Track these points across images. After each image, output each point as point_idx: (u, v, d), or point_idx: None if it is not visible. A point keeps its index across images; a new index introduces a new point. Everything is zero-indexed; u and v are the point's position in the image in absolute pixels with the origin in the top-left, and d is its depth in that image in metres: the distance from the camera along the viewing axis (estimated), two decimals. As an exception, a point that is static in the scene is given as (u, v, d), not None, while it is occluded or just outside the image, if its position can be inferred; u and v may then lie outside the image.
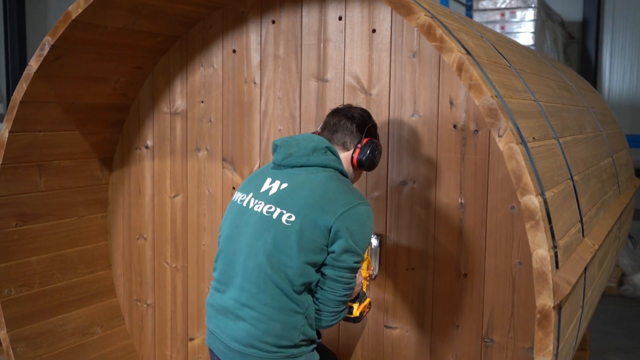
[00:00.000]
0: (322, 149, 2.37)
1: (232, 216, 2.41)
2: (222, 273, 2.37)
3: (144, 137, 3.56)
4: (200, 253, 3.45)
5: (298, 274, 2.22)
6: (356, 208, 2.25)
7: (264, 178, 2.41)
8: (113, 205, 3.70)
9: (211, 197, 3.38)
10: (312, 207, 2.23)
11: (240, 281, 2.28)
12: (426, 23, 2.10)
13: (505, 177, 2.69)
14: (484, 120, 2.71)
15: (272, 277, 2.22)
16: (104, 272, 3.70)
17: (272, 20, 3.15)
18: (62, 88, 3.10)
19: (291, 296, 2.23)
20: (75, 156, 3.41)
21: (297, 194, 2.28)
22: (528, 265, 2.68)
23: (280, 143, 2.40)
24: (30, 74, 2.92)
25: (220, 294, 2.36)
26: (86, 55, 3.06)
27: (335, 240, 2.23)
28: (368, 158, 2.45)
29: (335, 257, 2.24)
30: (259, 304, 2.23)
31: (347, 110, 2.52)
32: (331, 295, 2.30)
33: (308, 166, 2.35)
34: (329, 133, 2.50)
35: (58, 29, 2.83)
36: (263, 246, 2.25)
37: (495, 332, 2.78)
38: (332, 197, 2.25)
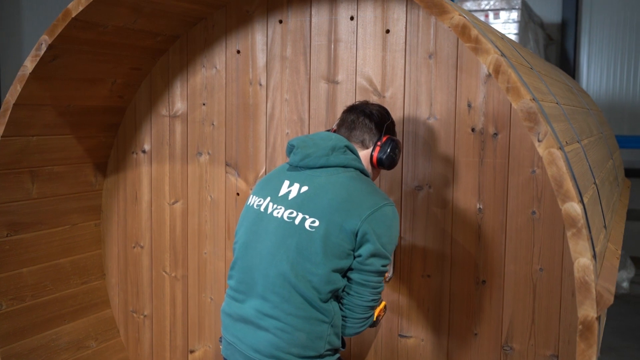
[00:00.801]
0: (341, 148, 2.26)
1: (249, 222, 2.28)
2: (240, 282, 2.24)
3: (140, 141, 3.41)
4: (201, 262, 3.32)
5: (324, 282, 2.11)
6: (382, 209, 2.15)
7: (281, 181, 2.28)
8: (107, 212, 3.54)
9: (213, 204, 3.26)
10: (336, 211, 2.12)
11: (261, 290, 2.16)
12: (460, 23, 2.01)
13: (526, 182, 2.63)
14: (504, 123, 2.64)
15: (296, 286, 2.11)
16: (97, 283, 3.54)
17: (279, 20, 3.04)
18: (57, 90, 2.94)
19: (317, 305, 2.12)
20: (69, 161, 3.24)
21: (319, 197, 2.16)
22: (549, 271, 2.62)
23: (297, 143, 2.27)
24: (25, 75, 2.76)
25: (239, 303, 2.24)
26: (84, 56, 2.90)
27: (363, 244, 2.12)
28: (389, 156, 2.36)
29: (362, 261, 2.14)
30: (283, 314, 2.12)
31: (365, 107, 2.41)
32: (358, 301, 2.20)
33: (328, 167, 2.24)
34: (346, 131, 2.39)
35: (56, 28, 2.67)
36: (286, 254, 2.13)
37: (515, 340, 2.71)
38: (356, 199, 2.15)
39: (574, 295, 2.59)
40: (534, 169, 2.61)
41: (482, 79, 2.67)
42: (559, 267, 2.61)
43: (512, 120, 2.63)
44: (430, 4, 2.04)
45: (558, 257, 2.61)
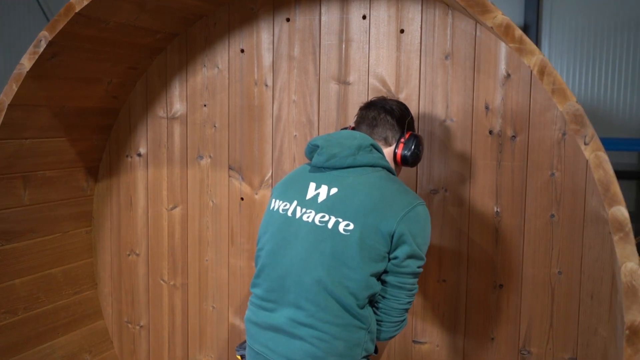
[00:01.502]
0: (367, 147, 2.16)
1: (276, 227, 2.16)
2: (269, 290, 2.13)
3: (135, 143, 3.27)
4: (202, 269, 3.20)
5: (363, 287, 2.03)
6: (416, 209, 2.07)
7: (306, 183, 2.17)
8: (99, 218, 3.38)
9: (215, 209, 3.14)
10: (370, 213, 2.03)
11: (294, 299, 2.06)
12: (504, 23, 1.96)
13: (545, 185, 2.60)
14: (522, 126, 2.61)
15: (333, 293, 2.01)
16: (89, 293, 3.38)
17: (286, 18, 2.94)
18: (53, 90, 2.78)
19: (354, 312, 2.03)
20: (61, 165, 3.08)
21: (351, 199, 2.06)
22: (568, 274, 2.61)
23: (321, 143, 2.16)
24: (21, 74, 2.59)
25: (268, 312, 2.13)
26: (83, 54, 2.75)
27: (399, 246, 2.04)
28: (413, 153, 2.28)
29: (397, 263, 2.06)
30: (319, 323, 2.02)
31: (385, 103, 2.33)
32: (395, 304, 2.13)
33: (355, 167, 2.14)
34: (368, 128, 2.30)
35: (58, 23, 2.51)
36: (320, 259, 2.03)
37: (533, 344, 2.69)
38: (389, 200, 2.06)
39: (593, 298, 2.59)
40: (553, 172, 2.59)
41: (500, 80, 2.64)
42: (577, 270, 2.60)
43: (531, 122, 2.61)
44: (473, 3, 1.99)
45: (577, 260, 2.59)
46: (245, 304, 3.12)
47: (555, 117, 2.57)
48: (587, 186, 2.55)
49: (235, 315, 3.15)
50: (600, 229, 2.55)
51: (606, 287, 2.57)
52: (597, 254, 2.56)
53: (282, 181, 2.31)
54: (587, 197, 2.56)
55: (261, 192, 3.05)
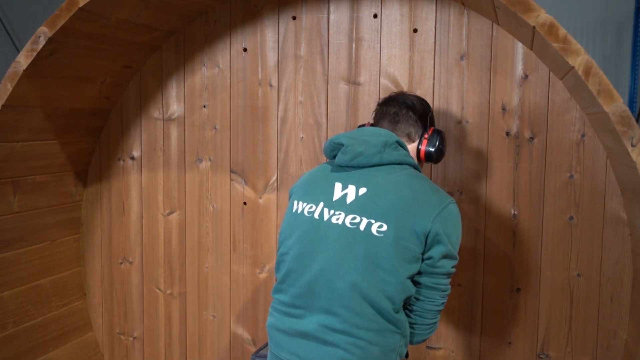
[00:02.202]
0: (392, 144, 2.06)
1: (302, 231, 2.04)
2: (297, 296, 2.01)
3: (128, 146, 3.10)
4: (202, 277, 3.06)
5: (399, 290, 1.94)
6: (448, 208, 1.98)
7: (331, 183, 2.06)
8: (88, 225, 3.20)
9: (216, 214, 3.00)
10: (403, 213, 1.93)
11: (325, 304, 1.95)
12: (547, 22, 1.90)
13: (563, 187, 2.57)
14: (540, 127, 2.58)
15: (368, 298, 1.91)
16: (78, 304, 3.19)
17: (292, 16, 2.83)
18: (48, 89, 2.60)
19: (390, 316, 1.94)
20: (51, 170, 2.89)
21: (382, 199, 1.96)
22: (587, 277, 2.59)
23: (346, 141, 2.04)
24: (17, 73, 2.41)
25: (296, 318, 2.01)
26: (81, 52, 2.58)
27: (434, 246, 1.95)
28: (437, 149, 2.20)
29: (432, 263, 1.98)
30: (354, 329, 1.92)
31: (405, 98, 2.23)
32: (429, 306, 2.04)
33: (381, 165, 2.03)
34: (390, 124, 2.20)
35: (58, 19, 2.34)
36: (354, 263, 1.92)
37: (552, 348, 2.66)
38: (421, 199, 1.96)
39: (613, 301, 2.57)
40: (572, 174, 2.56)
41: (517, 81, 2.59)
42: (597, 273, 2.58)
43: (549, 124, 2.57)
44: (514, 1, 1.92)
45: (596, 262, 2.57)
46: (249, 311, 3.00)
47: (574, 119, 2.54)
48: (607, 187, 2.53)
49: (237, 324, 3.03)
50: (620, 230, 2.53)
51: (626, 289, 2.55)
52: (617, 256, 2.54)
53: (301, 181, 2.18)
54: (606, 198, 2.54)
55: (266, 196, 2.93)
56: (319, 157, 2.84)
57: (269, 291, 2.97)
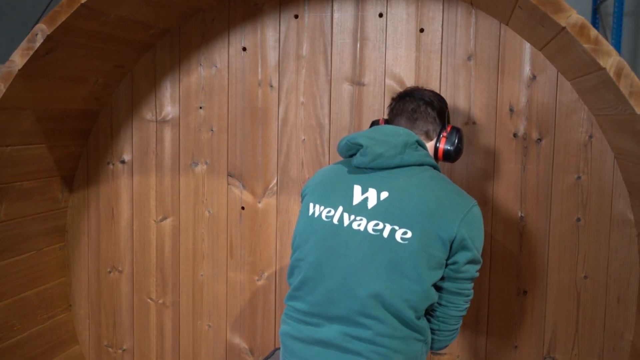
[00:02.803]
0: (412, 144, 1.98)
1: (321, 236, 1.95)
2: (315, 304, 1.92)
3: (118, 149, 2.96)
4: (197, 285, 2.94)
5: (423, 298, 1.88)
6: (472, 211, 1.93)
7: (349, 186, 1.97)
8: (74, 233, 3.04)
9: (212, 219, 2.89)
10: (427, 218, 1.86)
11: (346, 313, 1.87)
12: (579, 22, 1.88)
13: (571, 188, 2.57)
14: (548, 128, 2.57)
15: (392, 307, 1.84)
16: (63, 316, 3.03)
17: (294, 15, 2.75)
18: (40, 91, 2.46)
19: (413, 324, 1.88)
20: (39, 175, 2.74)
21: (405, 203, 1.89)
22: (594, 278, 2.59)
23: (365, 142, 1.95)
24: (12, 73, 2.26)
25: (314, 327, 1.92)
26: (77, 50, 2.45)
27: (459, 251, 1.90)
28: (456, 148, 2.14)
29: (456, 268, 1.92)
30: (378, 337, 1.84)
31: (422, 94, 2.16)
32: (453, 311, 1.99)
33: (402, 166, 1.96)
34: (408, 122, 2.11)
35: (58, 16, 2.21)
36: (377, 272, 1.85)
37: (558, 350, 2.65)
38: (446, 203, 1.90)
39: (620, 302, 2.58)
40: (579, 175, 2.56)
41: (525, 82, 2.58)
42: (604, 274, 2.58)
43: (557, 125, 2.57)
44: (545, 2, 1.89)
45: (603, 263, 2.58)
46: (246, 320, 2.90)
47: (581, 120, 2.54)
48: (614, 189, 2.54)
49: (233, 334, 2.92)
50: (627, 231, 2.54)
51: (632, 290, 2.56)
52: (624, 257, 2.55)
53: (315, 182, 2.08)
54: (613, 200, 2.54)
55: (265, 200, 2.84)
56: (321, 159, 2.77)
57: (268, 298, 2.87)
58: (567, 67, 2.31)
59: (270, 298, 2.87)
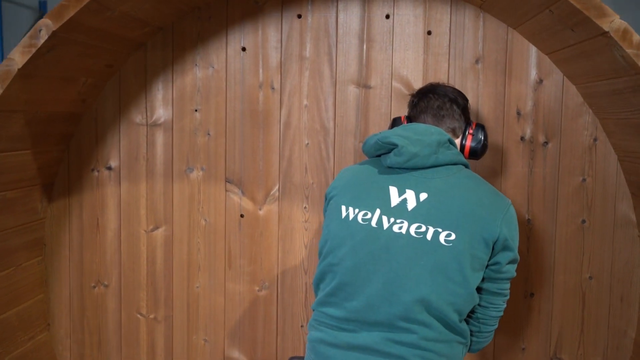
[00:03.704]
0: (445, 143, 1.94)
1: (358, 240, 1.86)
2: (354, 311, 1.84)
3: (104, 155, 2.76)
4: (192, 298, 2.78)
5: (468, 301, 1.84)
6: (509, 210, 1.91)
7: (384, 187, 1.90)
8: (52, 245, 2.81)
9: (209, 228, 2.75)
10: (470, 219, 1.83)
11: (388, 319, 1.80)
12: (622, 27, 1.90)
13: (576, 191, 2.61)
14: (554, 132, 2.60)
15: (437, 310, 1.79)
16: (43, 336, 2.79)
17: (297, 15, 2.65)
18: (34, 92, 2.24)
19: (457, 327, 1.84)
20: (22, 184, 2.51)
21: (446, 205, 1.84)
22: (598, 279, 2.64)
23: (400, 141, 1.88)
24: (11, 72, 2.05)
25: (350, 333, 1.84)
26: (76, 48, 2.25)
27: (501, 251, 1.88)
28: (483, 145, 2.13)
29: (498, 269, 1.90)
30: (423, 341, 1.79)
31: (446, 90, 2.12)
32: (493, 312, 1.97)
33: (437, 166, 1.91)
34: (434, 119, 2.06)
35: (66, 10, 2.02)
36: (422, 276, 1.79)
37: (564, 351, 2.68)
38: (485, 203, 1.87)
39: (623, 301, 2.64)
40: (584, 178, 2.60)
41: (532, 85, 2.60)
42: (608, 274, 2.64)
43: (563, 128, 2.60)
44: (589, 6, 1.90)
45: (607, 264, 2.63)
46: (246, 332, 2.77)
47: (586, 123, 2.59)
48: (618, 190, 2.60)
49: (232, 347, 2.79)
50: (629, 232, 2.60)
51: (635, 289, 2.63)
52: (627, 257, 2.62)
53: (343, 184, 1.99)
54: (616, 201, 2.60)
55: (266, 207, 2.72)
56: (326, 164, 2.69)
57: (269, 309, 2.76)
58: (585, 71, 2.33)
59: (271, 309, 2.76)
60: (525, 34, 2.53)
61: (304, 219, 2.71)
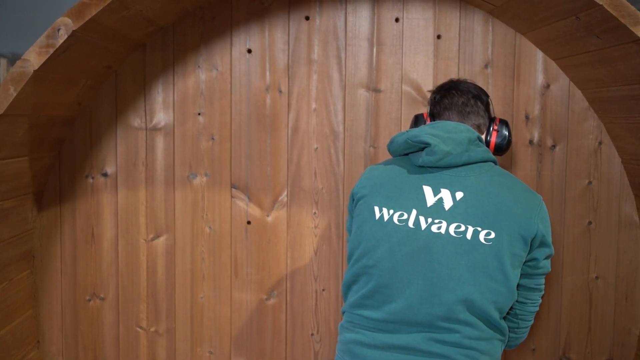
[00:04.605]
0: (475, 140, 1.91)
1: (395, 242, 1.83)
2: (393, 313, 1.81)
3: (100, 161, 2.61)
4: (196, 309, 2.67)
5: (509, 299, 1.84)
6: (542, 206, 1.91)
7: (417, 186, 1.87)
8: (42, 257, 2.64)
9: (214, 236, 2.64)
10: (508, 217, 1.82)
11: (428, 319, 1.78)
12: (655, 33, 1.93)
13: (583, 193, 2.65)
14: (561, 135, 2.63)
15: (480, 309, 1.78)
16: (34, 354, 2.62)
17: (305, 16, 2.59)
18: (41, 94, 2.09)
19: (498, 325, 1.84)
20: (17, 193, 2.34)
21: (483, 203, 1.82)
22: (604, 278, 2.68)
23: (432, 140, 1.85)
24: (25, 74, 1.89)
25: (389, 334, 1.81)
26: (87, 49, 2.11)
27: (538, 248, 1.88)
28: (508, 142, 2.11)
29: (535, 265, 1.91)
30: (466, 340, 1.78)
31: (468, 86, 2.09)
32: (531, 307, 1.99)
33: (469, 164, 1.89)
34: (459, 116, 2.03)
35: (88, 9, 1.89)
36: (464, 275, 1.77)
37: (573, 350, 2.71)
38: (521, 200, 1.86)
39: (627, 300, 2.69)
40: (590, 180, 2.64)
41: (539, 90, 2.62)
42: (613, 274, 2.69)
43: (569, 132, 2.63)
44: (625, 14, 1.91)
45: (612, 263, 2.68)
46: (254, 342, 2.68)
47: (592, 127, 2.63)
48: (622, 192, 2.65)
49: (239, 359, 2.69)
50: (633, 232, 2.66)
51: (638, 288, 2.69)
52: (631, 257, 2.67)
53: (373, 184, 1.94)
54: (620, 202, 2.65)
55: (274, 213, 2.64)
56: (335, 169, 2.63)
57: (278, 318, 2.68)
58: (599, 77, 2.36)
59: (280, 317, 2.68)
60: (534, 40, 2.55)
61: (314, 225, 2.64)
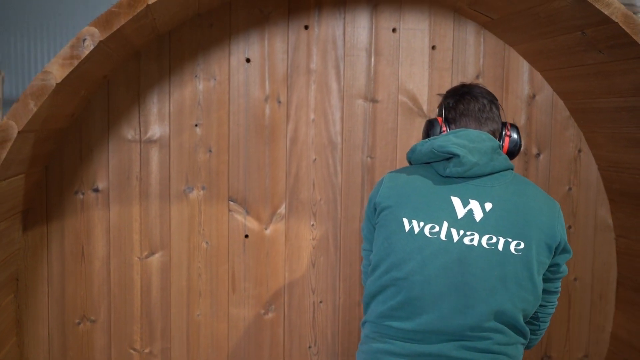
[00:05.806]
0: (497, 149, 1.94)
1: (427, 255, 1.84)
2: (425, 324, 1.84)
3: (90, 175, 2.47)
4: (192, 327, 2.58)
5: (535, 305, 1.91)
6: (560, 212, 1.98)
7: (445, 198, 1.89)
8: (27, 279, 2.46)
9: (211, 251, 2.56)
10: (535, 226, 1.87)
11: (459, 329, 1.82)
12: (664, 49, 2.06)
13: (563, 199, 2.79)
14: (545, 144, 2.76)
15: (510, 318, 1.84)
16: (19, 384, 2.44)
17: (304, 26, 2.56)
18: (52, 107, 1.95)
19: (522, 329, 1.91)
20: (11, 212, 2.17)
21: (511, 213, 1.87)
22: (582, 280, 2.85)
23: (460, 151, 1.86)
24: (47, 88, 1.76)
25: (418, 343, 1.84)
26: (100, 58, 1.99)
27: (560, 254, 1.95)
28: (519, 147, 2.14)
29: (557, 269, 1.99)
30: (496, 346, 1.84)
31: (481, 91, 2.08)
32: (551, 310, 2.07)
33: (493, 173, 1.92)
34: (477, 123, 2.03)
35: (117, 19, 1.78)
36: (496, 286, 1.82)
37: (553, 349, 2.86)
38: (545, 209, 1.92)
39: (602, 299, 2.87)
40: (570, 186, 2.79)
41: (525, 100, 2.73)
42: (589, 275, 2.85)
43: (552, 140, 2.76)
44: (637, 31, 2.04)
45: (589, 265, 2.85)
46: (252, 358, 2.63)
47: (572, 135, 2.78)
48: (598, 197, 2.82)
49: (235, 376, 2.63)
50: (607, 235, 2.84)
51: (611, 287, 2.87)
52: (605, 258, 2.85)
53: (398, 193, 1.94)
54: (597, 207, 2.82)
55: (273, 226, 2.60)
56: (334, 180, 2.62)
57: (276, 332, 2.64)
58: (589, 89, 2.50)
59: (278, 331, 2.64)
60: (523, 52, 2.66)
61: (312, 237, 2.63)
